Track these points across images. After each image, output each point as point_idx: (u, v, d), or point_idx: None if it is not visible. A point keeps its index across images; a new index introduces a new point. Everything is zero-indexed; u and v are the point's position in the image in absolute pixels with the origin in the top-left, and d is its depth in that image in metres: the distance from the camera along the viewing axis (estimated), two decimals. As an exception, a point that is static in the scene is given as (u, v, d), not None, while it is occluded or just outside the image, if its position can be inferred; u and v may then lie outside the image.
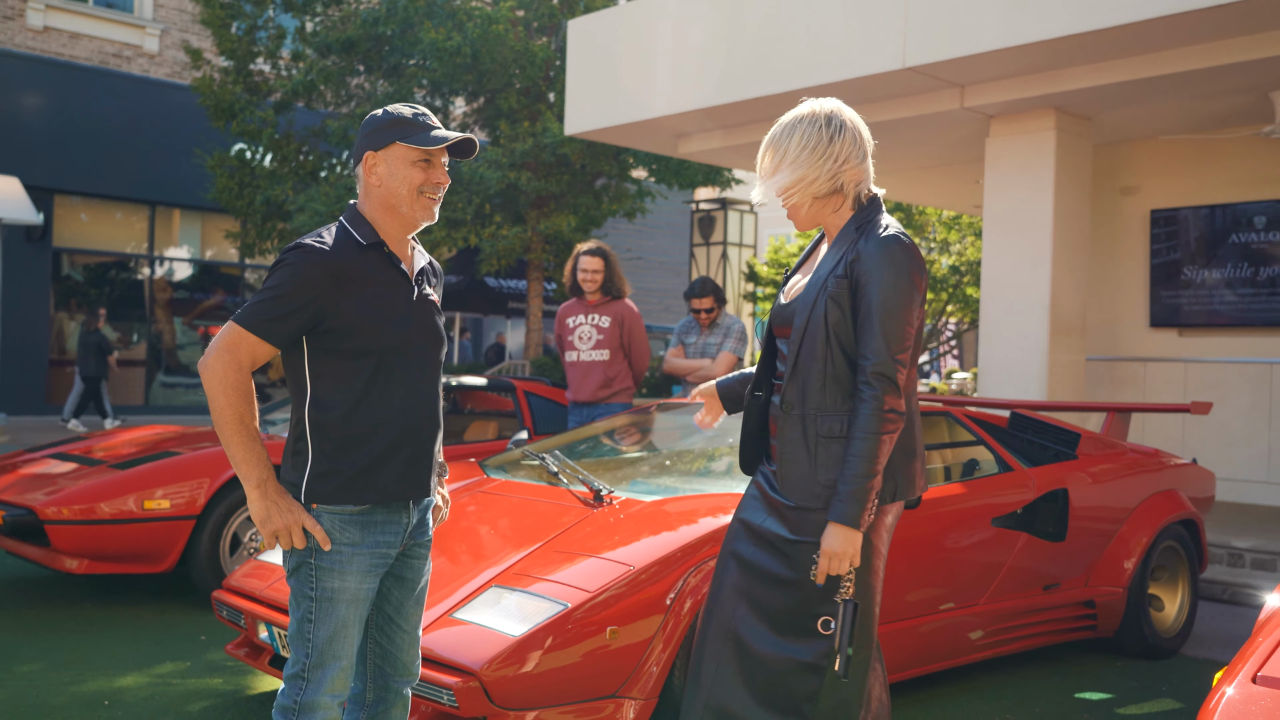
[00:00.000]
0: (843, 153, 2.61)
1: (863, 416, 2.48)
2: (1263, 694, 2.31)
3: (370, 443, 2.43)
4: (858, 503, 2.47)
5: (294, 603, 2.48)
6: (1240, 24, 6.34)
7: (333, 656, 2.43)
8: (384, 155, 2.47)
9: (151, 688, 4.22)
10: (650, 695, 3.30)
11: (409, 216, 2.51)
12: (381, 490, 2.45)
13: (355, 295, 2.40)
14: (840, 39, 7.58)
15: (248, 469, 2.36)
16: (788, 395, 2.63)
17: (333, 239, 2.43)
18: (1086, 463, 5.01)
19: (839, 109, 2.66)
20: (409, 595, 2.62)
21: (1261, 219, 8.87)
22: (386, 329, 2.44)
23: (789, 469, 2.62)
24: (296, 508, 2.40)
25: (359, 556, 2.44)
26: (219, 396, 2.34)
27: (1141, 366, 9.47)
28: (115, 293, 16.39)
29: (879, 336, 2.49)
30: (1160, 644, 5.06)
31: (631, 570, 3.37)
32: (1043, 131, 7.96)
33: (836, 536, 2.49)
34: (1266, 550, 6.66)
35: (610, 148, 12.77)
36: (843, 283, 2.56)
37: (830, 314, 2.56)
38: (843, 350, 2.56)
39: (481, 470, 4.71)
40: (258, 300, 2.37)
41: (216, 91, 13.26)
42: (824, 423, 2.56)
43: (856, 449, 2.48)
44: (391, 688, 2.65)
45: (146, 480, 5.33)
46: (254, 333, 2.35)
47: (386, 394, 2.45)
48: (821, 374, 2.57)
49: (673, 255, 23.64)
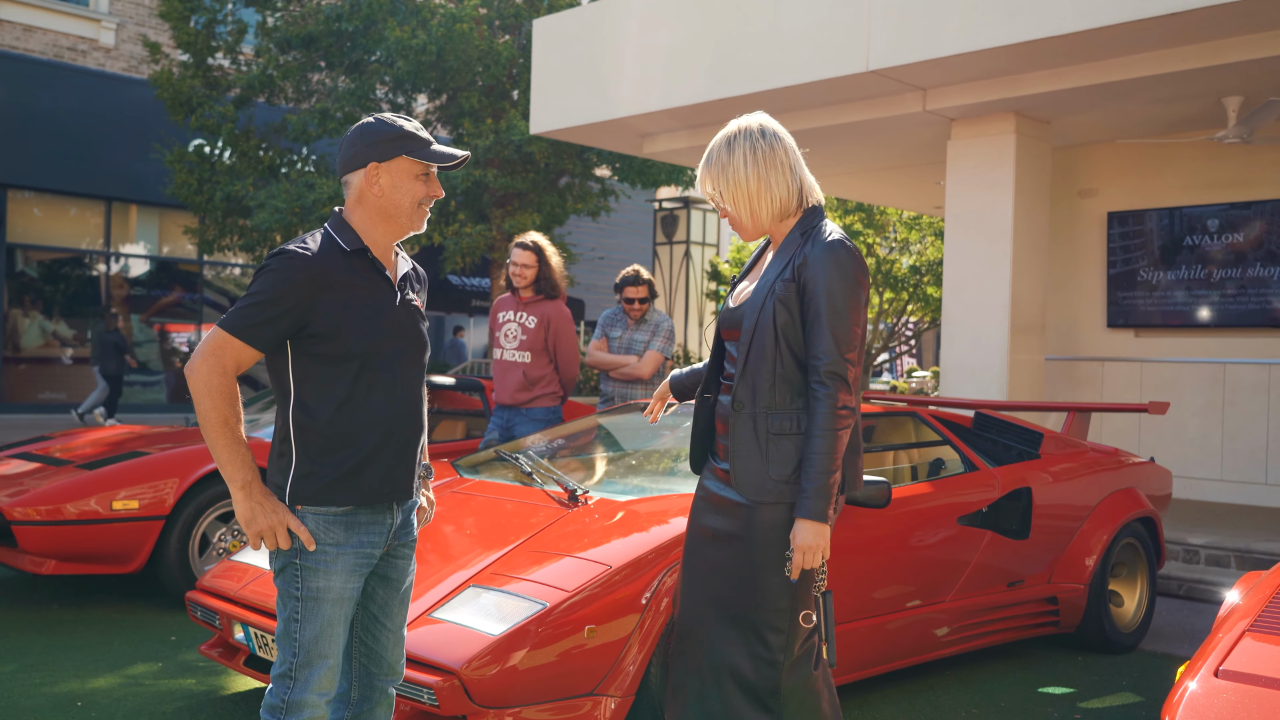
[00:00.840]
0: (785, 162, 2.75)
1: (820, 414, 2.59)
2: (1225, 688, 2.40)
3: (353, 445, 2.47)
4: (823, 498, 2.58)
5: (280, 603, 2.52)
6: (1195, 32, 6.48)
7: (319, 655, 2.47)
8: (388, 167, 2.52)
9: (124, 689, 4.21)
10: (627, 693, 3.34)
11: (405, 227, 2.57)
12: (365, 492, 2.49)
13: (338, 300, 2.44)
14: (805, 41, 7.66)
15: (232, 470, 2.41)
16: (738, 394, 2.73)
17: (317, 245, 2.47)
18: (1049, 462, 5.12)
19: (768, 121, 2.79)
20: (394, 595, 2.66)
21: (1215, 222, 9.07)
22: (369, 333, 2.48)
23: (741, 465, 2.72)
24: (281, 509, 2.44)
25: (343, 556, 2.48)
26: (204, 400, 2.38)
27: (1099, 366, 9.65)
28: (71, 290, 16.15)
29: (829, 337, 2.60)
30: (1120, 639, 5.18)
31: (608, 569, 3.41)
32: (1003, 135, 8.09)
33: (808, 531, 2.59)
34: (1221, 547, 6.83)
35: (574, 146, 12.79)
36: (790, 286, 2.67)
37: (779, 316, 2.67)
38: (791, 351, 2.67)
39: (455, 470, 4.73)
40: (242, 305, 2.41)
41: (175, 85, 13.11)
42: (774, 420, 2.67)
43: (816, 446, 2.59)
44: (376, 686, 2.69)
45: (115, 480, 5.30)
46: (239, 337, 2.39)
47: (369, 397, 2.49)
48: (771, 374, 2.67)
49: (636, 254, 23.64)
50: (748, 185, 2.72)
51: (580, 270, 19.96)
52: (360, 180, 2.52)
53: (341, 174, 2.57)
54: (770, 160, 2.72)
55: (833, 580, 3.94)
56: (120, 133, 15.58)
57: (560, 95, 9.46)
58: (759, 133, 2.74)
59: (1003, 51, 6.89)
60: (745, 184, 2.72)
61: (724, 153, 2.75)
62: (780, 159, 2.73)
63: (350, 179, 2.54)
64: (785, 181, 2.74)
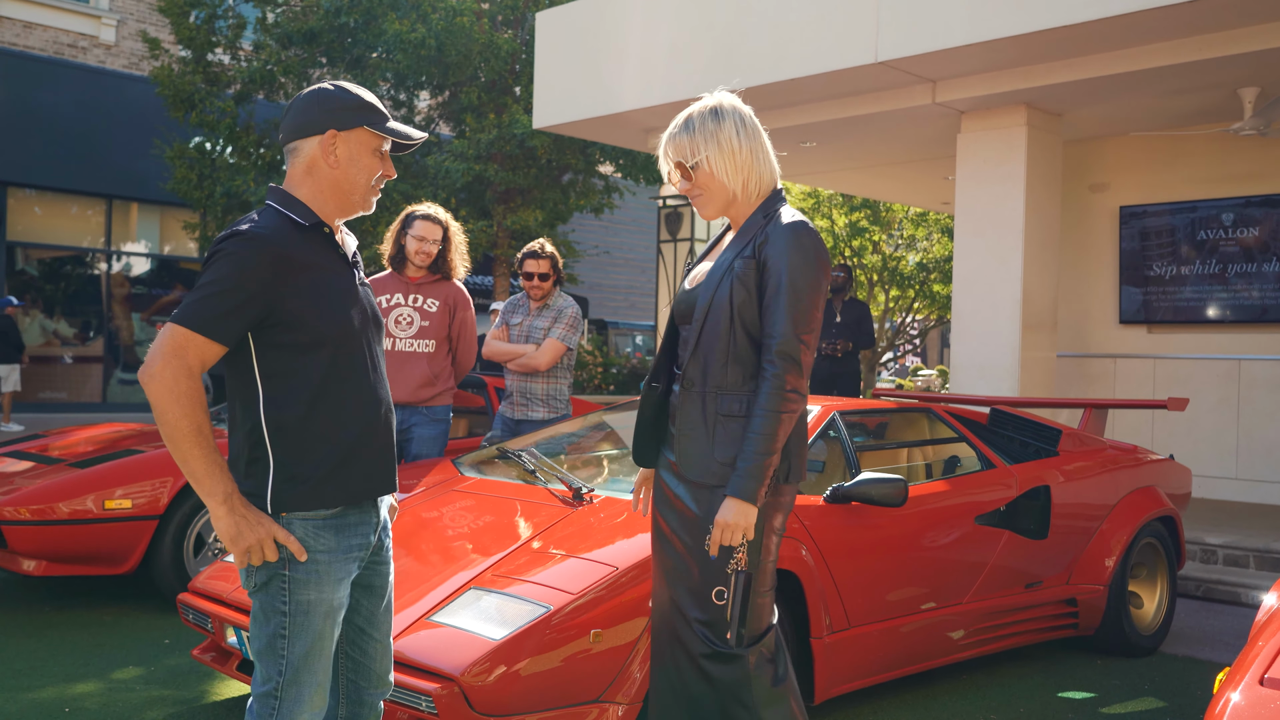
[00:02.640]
0: (765, 144, 2.73)
1: (763, 394, 2.53)
2: (1271, 696, 2.26)
3: (335, 440, 2.27)
4: (755, 479, 2.52)
5: (261, 617, 2.29)
6: (1210, 20, 6.35)
7: (309, 672, 2.28)
8: (347, 137, 2.32)
9: (113, 693, 4.08)
10: (635, 700, 3.21)
11: (356, 205, 2.38)
12: (353, 489, 2.31)
13: (304, 283, 2.24)
14: (811, 33, 7.53)
15: (210, 484, 2.16)
16: (689, 373, 2.67)
17: (270, 223, 2.25)
18: (1067, 459, 4.98)
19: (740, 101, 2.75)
20: (379, 604, 2.48)
21: (1229, 216, 8.92)
22: (339, 316, 2.29)
23: (686, 445, 2.67)
24: (266, 520, 2.22)
25: (335, 564, 2.29)
26: (171, 408, 2.12)
27: (1111, 363, 9.51)
28: (71, 288, 16.04)
29: (785, 317, 2.54)
30: (1140, 642, 5.04)
31: (615, 571, 3.28)
32: (1014, 127, 7.94)
33: (730, 509, 2.53)
34: (1239, 546, 6.68)
35: (577, 142, 12.67)
36: (750, 263, 2.61)
37: (736, 294, 2.61)
38: (746, 331, 2.61)
39: (456, 469, 4.60)
40: (200, 297, 2.16)
41: (175, 81, 13.00)
42: (724, 401, 2.61)
43: (756, 426, 2.53)
44: (366, 701, 2.51)
45: (107, 479, 5.17)
46: (202, 333, 2.14)
47: (346, 386, 2.30)
48: (724, 352, 2.61)
49: (639, 251, 23.55)
50: (740, 155, 2.66)
51: (584, 268, 19.85)
52: (314, 148, 2.31)
53: (289, 139, 2.34)
54: (757, 136, 2.70)
55: (846, 581, 3.81)
56: (121, 130, 15.47)
57: (563, 89, 9.34)
58: (742, 110, 2.72)
59: (1014, 42, 6.75)
60: (737, 153, 2.66)
61: (711, 121, 2.68)
62: (763, 139, 2.72)
63: (300, 146, 2.32)
64: (769, 160, 2.72)
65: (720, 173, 2.67)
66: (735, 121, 2.67)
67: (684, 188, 2.73)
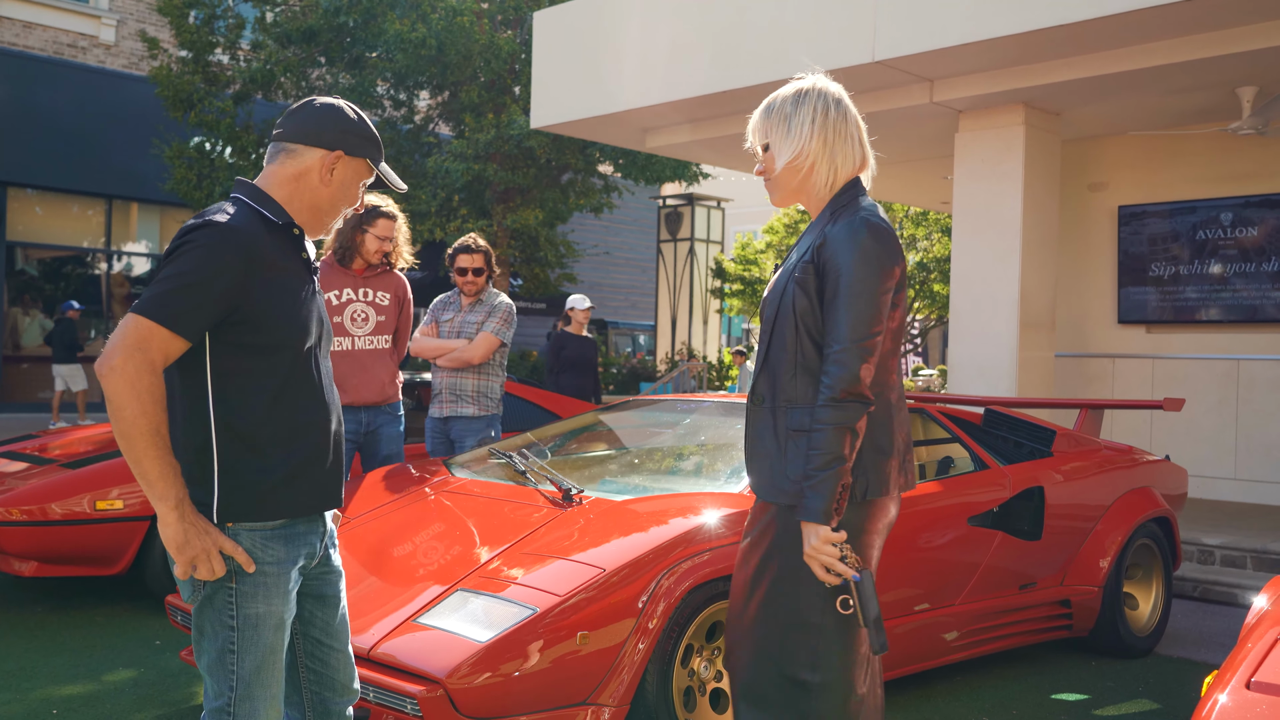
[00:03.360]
0: (853, 135, 2.55)
1: (819, 406, 2.38)
2: (1258, 700, 2.24)
3: (290, 449, 2.19)
4: (820, 496, 2.35)
5: (208, 631, 2.18)
6: (1208, 19, 6.33)
7: (261, 686, 2.19)
8: (349, 162, 2.31)
9: (103, 695, 4.06)
10: (622, 702, 3.19)
11: (322, 226, 2.35)
12: (304, 500, 2.22)
13: (270, 282, 2.16)
14: (809, 32, 7.51)
15: (164, 487, 2.04)
16: (759, 387, 2.55)
17: (241, 217, 2.17)
18: (1062, 460, 4.96)
19: (837, 88, 2.58)
20: (334, 615, 2.40)
21: (1228, 215, 8.89)
22: (299, 321, 2.22)
23: (758, 463, 2.54)
24: (214, 530, 2.11)
25: (284, 576, 2.20)
26: (129, 404, 2.00)
27: (1110, 363, 9.48)
28: (71, 288, 16.05)
29: (843, 323, 2.38)
30: (1135, 643, 5.01)
31: (603, 573, 3.26)
32: (1012, 127, 7.93)
33: (808, 535, 2.38)
34: (1236, 547, 6.66)
35: (577, 142, 12.66)
36: (809, 268, 2.46)
37: (798, 301, 2.46)
38: (811, 339, 2.46)
39: (446, 469, 4.58)
40: (165, 289, 2.05)
41: (174, 82, 13.01)
42: (793, 416, 2.46)
43: (814, 440, 2.37)
44: (333, 710, 2.44)
45: (99, 480, 5.16)
46: (166, 326, 2.03)
47: (302, 393, 2.22)
48: (792, 364, 2.47)
49: (640, 251, 23.54)
50: (809, 142, 2.50)
51: (584, 267, 19.84)
52: (315, 160, 2.28)
53: (291, 139, 2.29)
54: (840, 126, 2.52)
55: (837, 583, 3.79)
56: (120, 130, 15.47)
57: (561, 89, 9.33)
58: (831, 96, 2.53)
59: (1011, 41, 6.74)
60: (807, 141, 2.50)
61: (789, 104, 2.53)
62: (850, 128, 2.53)
63: (302, 151, 2.28)
64: (849, 151, 2.53)
65: (786, 159, 2.52)
66: (815, 107, 2.51)
67: (757, 170, 2.63)
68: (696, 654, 3.54)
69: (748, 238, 21.00)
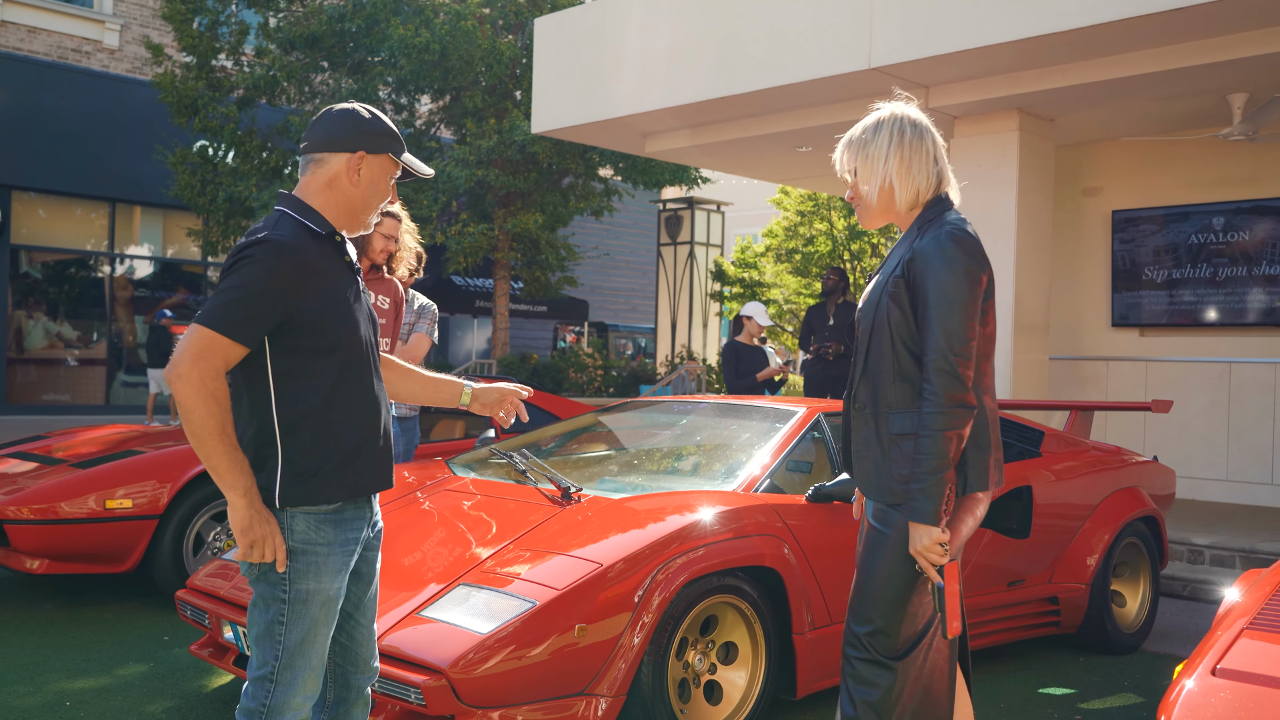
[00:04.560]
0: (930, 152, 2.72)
1: (925, 414, 2.55)
2: (1222, 686, 2.35)
3: (341, 440, 2.39)
4: (930, 498, 2.52)
5: (260, 605, 2.40)
6: (1199, 27, 6.43)
7: (304, 657, 2.38)
8: (372, 160, 2.47)
9: (114, 688, 4.17)
10: (618, 693, 3.30)
11: (360, 224, 2.51)
12: (354, 486, 2.42)
13: (321, 288, 2.36)
14: (806, 39, 7.62)
15: (233, 478, 2.28)
16: (860, 395, 2.73)
17: (290, 230, 2.36)
18: (1050, 460, 5.07)
19: (916, 111, 2.76)
20: (366, 590, 2.59)
21: (1220, 220, 9.00)
22: (348, 322, 2.41)
23: (864, 466, 2.72)
24: (274, 520, 2.34)
25: (334, 556, 2.40)
26: (198, 407, 2.22)
27: (1104, 366, 9.59)
28: (75, 291, 16.15)
29: (937, 333, 2.55)
30: (1122, 640, 5.12)
31: (600, 568, 3.37)
32: (1006, 133, 8.04)
33: (917, 535, 2.56)
34: (1225, 547, 6.76)
35: (577, 146, 12.77)
36: (900, 282, 2.64)
37: (892, 314, 2.64)
38: (908, 349, 2.63)
39: (449, 469, 4.69)
40: (225, 300, 2.26)
41: (178, 87, 13.11)
42: (894, 420, 2.64)
43: (923, 446, 2.54)
44: (353, 685, 2.61)
45: (108, 479, 5.27)
46: (227, 335, 2.25)
47: (353, 389, 2.42)
48: (891, 371, 2.65)
49: (640, 255, 23.65)
50: (886, 167, 2.69)
51: (584, 271, 19.95)
52: (341, 164, 2.44)
53: (316, 150, 2.45)
54: (917, 148, 2.70)
55: (828, 579, 3.90)
56: (124, 134, 15.58)
57: (562, 94, 9.43)
58: (908, 121, 2.72)
59: (1006, 48, 6.84)
60: (884, 163, 2.69)
61: (868, 133, 2.72)
62: (926, 149, 2.71)
63: (328, 159, 2.44)
64: (926, 171, 2.70)
65: (870, 183, 2.71)
66: (892, 133, 2.69)
67: (847, 195, 2.82)
68: (691, 647, 3.65)
69: (747, 241, 21.11)
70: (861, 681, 2.69)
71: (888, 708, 2.66)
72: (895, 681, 2.66)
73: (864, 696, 2.68)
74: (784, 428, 4.40)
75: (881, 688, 2.66)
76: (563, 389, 15.07)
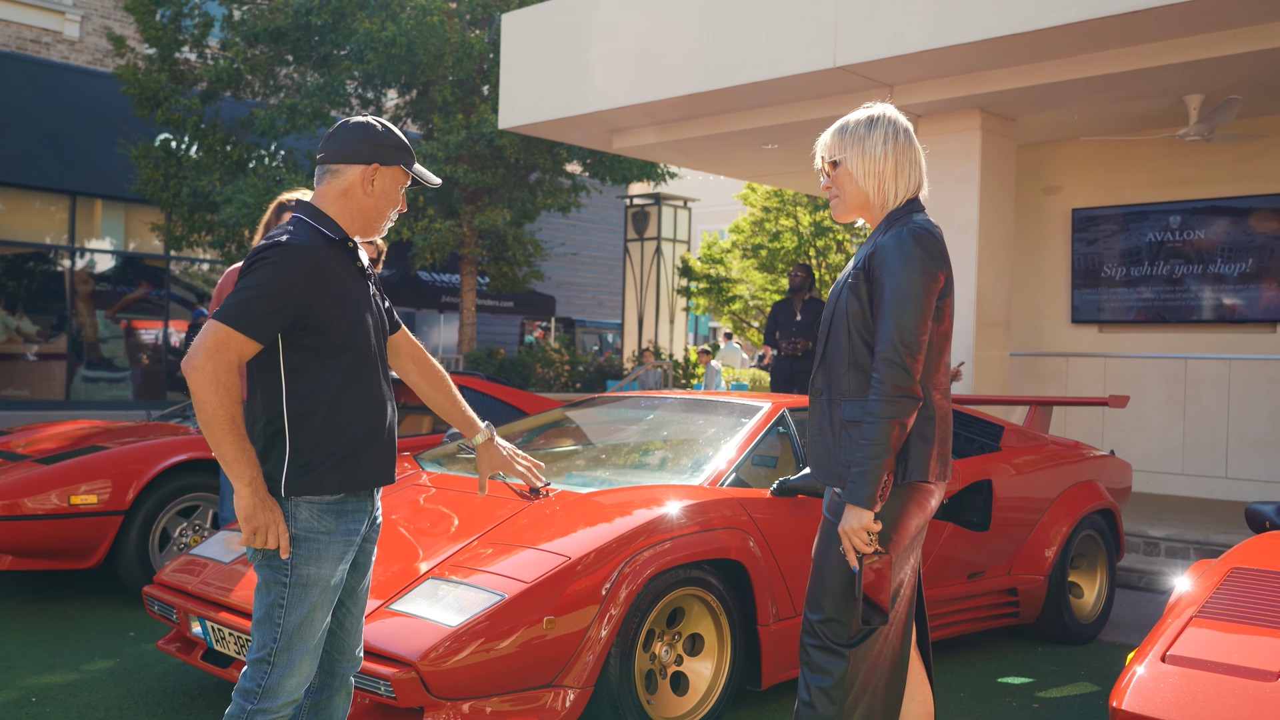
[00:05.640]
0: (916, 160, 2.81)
1: (870, 401, 2.63)
2: (1171, 672, 2.43)
3: (348, 434, 2.50)
4: (866, 483, 2.59)
5: (263, 589, 2.51)
6: (1155, 30, 6.55)
7: (300, 641, 2.48)
8: (385, 171, 2.58)
9: (81, 684, 4.17)
10: (586, 684, 3.35)
11: (373, 231, 2.63)
12: (356, 479, 2.53)
13: (332, 292, 2.47)
14: (773, 37, 7.68)
15: (239, 467, 2.39)
16: (816, 381, 2.83)
17: (305, 235, 2.48)
18: (1010, 454, 5.16)
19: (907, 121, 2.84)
20: (361, 580, 2.69)
21: (1176, 219, 9.16)
22: (359, 325, 2.53)
23: (816, 450, 2.82)
24: (278, 509, 2.45)
25: (334, 544, 2.51)
26: (210, 398, 2.35)
27: (1064, 362, 9.74)
28: (34, 285, 15.96)
29: (890, 325, 2.63)
30: (1079, 630, 5.23)
31: (568, 561, 3.41)
32: (968, 131, 8.15)
33: (848, 515, 2.63)
34: (1180, 539, 6.91)
35: (545, 142, 12.77)
36: (860, 275, 2.73)
37: (850, 305, 2.73)
38: (863, 340, 2.71)
39: (417, 464, 4.72)
40: (242, 299, 2.39)
41: (140, 80, 12.98)
42: (846, 408, 2.72)
43: (865, 431, 2.62)
44: (337, 673, 2.69)
45: (72, 475, 5.24)
46: (242, 331, 2.37)
47: (360, 388, 2.53)
48: (846, 361, 2.73)
49: (607, 251, 23.67)
50: (882, 164, 2.76)
51: (552, 266, 19.94)
52: (356, 175, 2.56)
53: (332, 161, 2.57)
54: (908, 152, 2.79)
55: (792, 571, 3.96)
56: (85, 126, 15.40)
57: (529, 90, 9.45)
58: (900, 124, 2.80)
59: (968, 48, 6.94)
60: (879, 161, 2.76)
61: (864, 127, 2.79)
62: (915, 153, 2.80)
63: (343, 170, 2.56)
64: (910, 175, 2.79)
65: (857, 176, 2.78)
66: (886, 133, 2.77)
67: (824, 184, 2.87)
68: (658, 639, 3.70)
69: (714, 237, 21.19)
70: (816, 669, 2.76)
71: (840, 694, 2.73)
72: (848, 668, 2.73)
73: (817, 683, 2.75)
74: (749, 423, 4.46)
75: (834, 675, 2.73)
76: (530, 384, 15.08)
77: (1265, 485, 8.60)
